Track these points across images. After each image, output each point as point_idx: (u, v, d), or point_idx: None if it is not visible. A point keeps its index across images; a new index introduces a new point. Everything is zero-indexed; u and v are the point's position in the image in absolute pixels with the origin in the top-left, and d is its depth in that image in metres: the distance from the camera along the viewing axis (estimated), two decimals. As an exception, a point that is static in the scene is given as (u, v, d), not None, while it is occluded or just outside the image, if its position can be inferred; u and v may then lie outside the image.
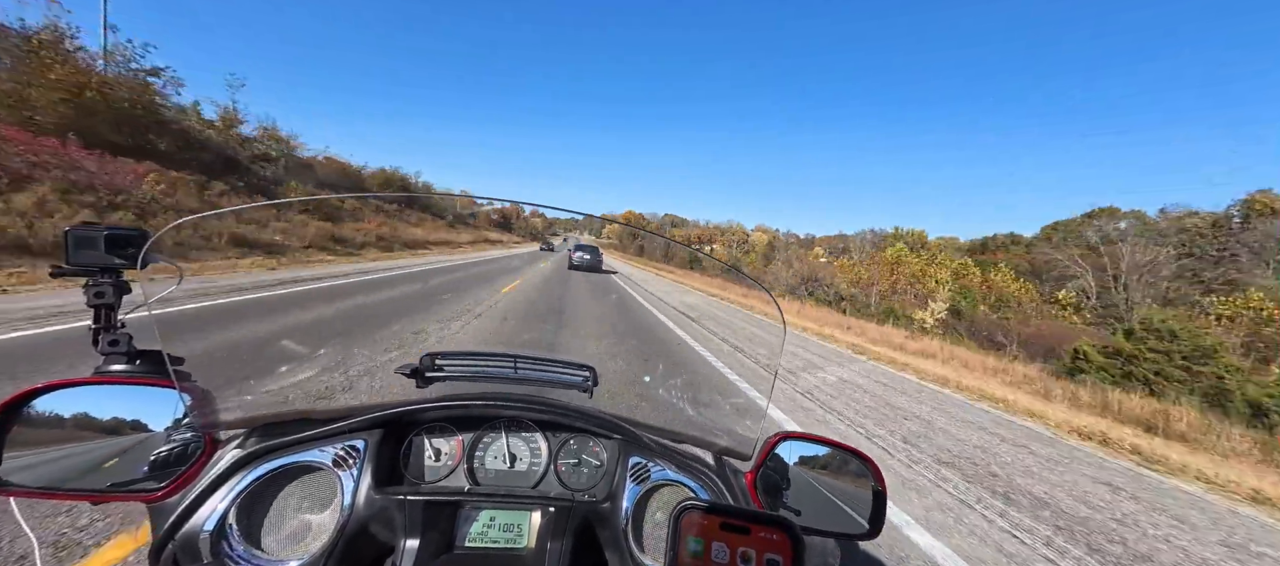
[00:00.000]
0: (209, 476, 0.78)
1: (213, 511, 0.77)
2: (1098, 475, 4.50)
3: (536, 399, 0.99)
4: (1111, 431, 6.30)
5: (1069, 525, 3.25)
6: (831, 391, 6.28)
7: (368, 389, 3.65)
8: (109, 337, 0.85)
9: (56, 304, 5.41)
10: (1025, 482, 3.96)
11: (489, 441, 0.98)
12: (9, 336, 4.11)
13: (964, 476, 3.90)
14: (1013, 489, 3.78)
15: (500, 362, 1.20)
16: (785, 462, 0.94)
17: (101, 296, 0.84)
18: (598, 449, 1.01)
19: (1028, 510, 3.41)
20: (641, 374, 5.09)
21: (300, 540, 0.81)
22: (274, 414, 0.90)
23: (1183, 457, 5.51)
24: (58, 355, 3.74)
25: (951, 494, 3.51)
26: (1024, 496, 3.66)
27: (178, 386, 0.77)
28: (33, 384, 0.72)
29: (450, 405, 0.93)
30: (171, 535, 0.74)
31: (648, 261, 32.52)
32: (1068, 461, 4.80)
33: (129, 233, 0.85)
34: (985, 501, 3.46)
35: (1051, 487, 3.94)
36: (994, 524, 3.13)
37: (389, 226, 24.95)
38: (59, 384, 0.73)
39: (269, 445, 0.83)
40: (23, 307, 5.16)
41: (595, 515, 0.92)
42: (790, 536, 0.53)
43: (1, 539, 1.76)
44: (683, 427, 1.08)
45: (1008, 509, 3.39)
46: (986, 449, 4.79)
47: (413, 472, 0.93)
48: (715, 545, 0.53)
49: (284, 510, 0.83)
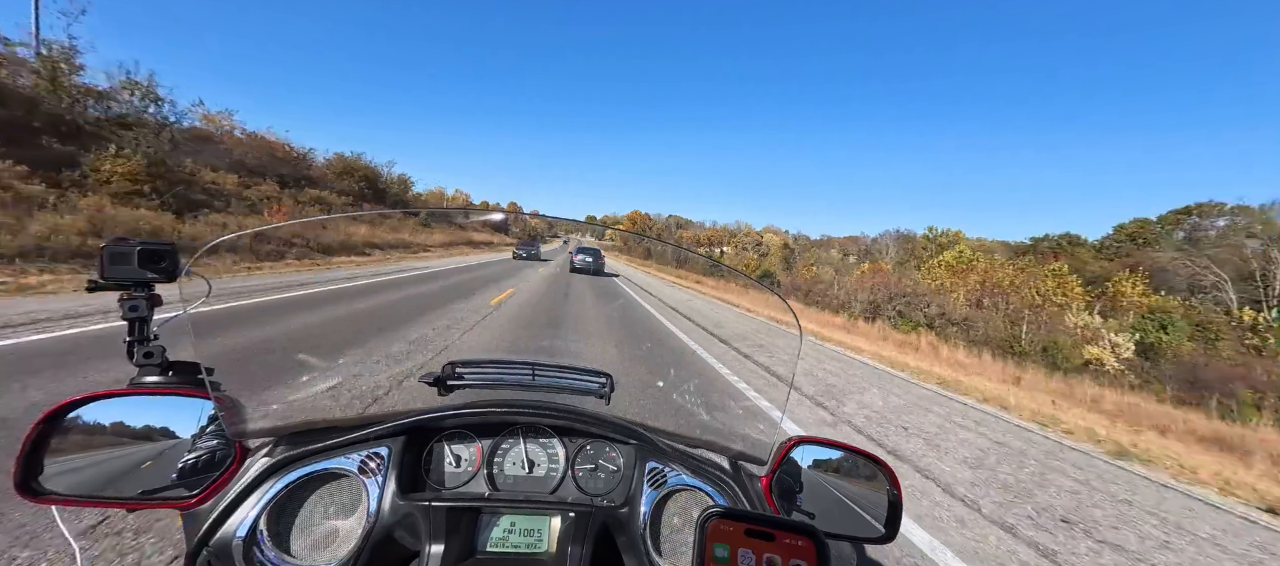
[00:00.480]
0: (240, 484, 0.80)
1: (244, 518, 0.79)
2: None
3: (553, 405, 1.01)
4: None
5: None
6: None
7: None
8: (143, 350, 0.88)
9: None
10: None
11: (508, 447, 1.00)
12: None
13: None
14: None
15: (519, 370, 1.22)
16: (800, 466, 0.94)
17: (135, 309, 0.88)
18: (614, 454, 1.02)
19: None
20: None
21: (328, 545, 0.83)
22: (301, 422, 0.93)
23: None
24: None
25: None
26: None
27: (210, 396, 0.80)
28: (70, 396, 0.75)
29: (469, 413, 0.95)
30: (206, 542, 0.77)
31: (658, 266, 29.98)
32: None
33: (162, 247, 0.89)
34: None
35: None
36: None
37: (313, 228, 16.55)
38: (96, 395, 0.76)
39: (296, 453, 0.85)
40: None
41: (613, 520, 0.92)
42: (815, 542, 0.53)
43: (46, 548, 1.82)
44: (698, 432, 1.08)
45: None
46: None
47: (434, 479, 0.94)
48: (741, 552, 0.53)
49: (312, 516, 0.85)
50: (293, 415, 1.12)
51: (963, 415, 6.40)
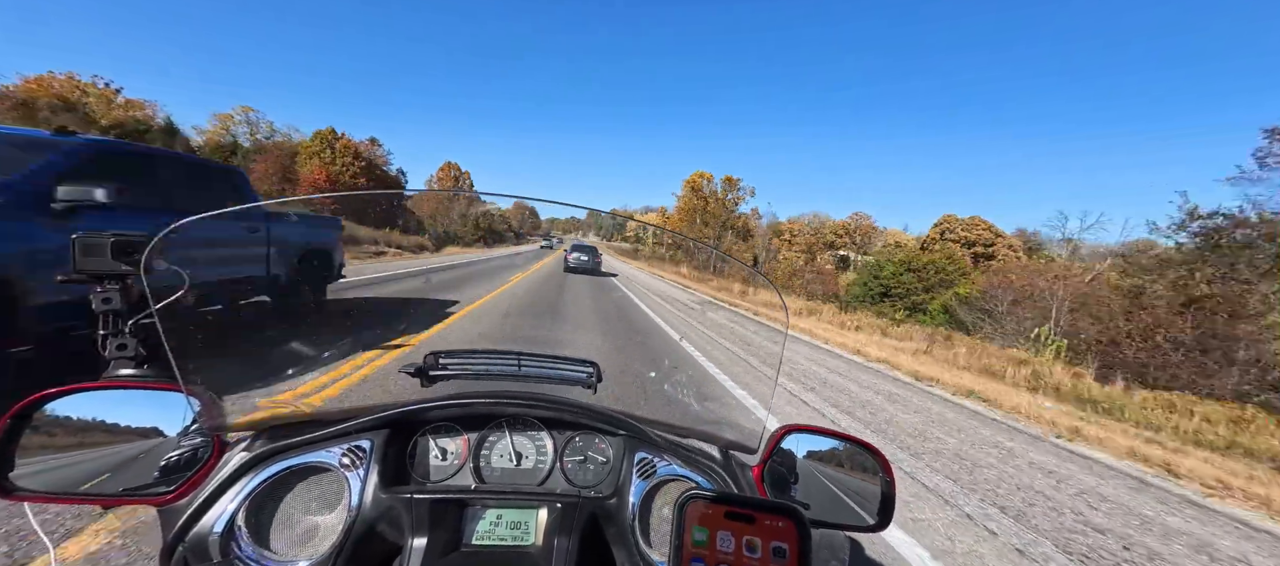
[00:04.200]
0: (218, 478, 0.79)
1: (222, 513, 0.77)
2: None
3: (540, 397, 1.00)
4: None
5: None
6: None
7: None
8: (117, 343, 0.86)
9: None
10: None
11: (494, 440, 0.98)
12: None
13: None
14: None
15: (504, 360, 1.20)
16: (793, 456, 0.94)
17: (108, 302, 0.85)
18: (603, 445, 1.01)
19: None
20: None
21: (309, 540, 0.82)
22: (281, 415, 0.91)
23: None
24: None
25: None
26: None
27: (185, 390, 0.78)
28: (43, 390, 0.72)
29: (454, 405, 0.93)
30: (182, 537, 0.75)
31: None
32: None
33: (136, 238, 0.86)
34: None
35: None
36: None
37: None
38: (69, 389, 0.74)
39: (277, 446, 0.84)
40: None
41: (602, 511, 0.92)
42: (797, 523, 0.53)
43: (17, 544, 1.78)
44: (688, 422, 1.08)
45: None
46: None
47: (419, 472, 0.93)
48: (720, 534, 0.53)
49: (292, 511, 0.83)
50: (273, 408, 1.10)
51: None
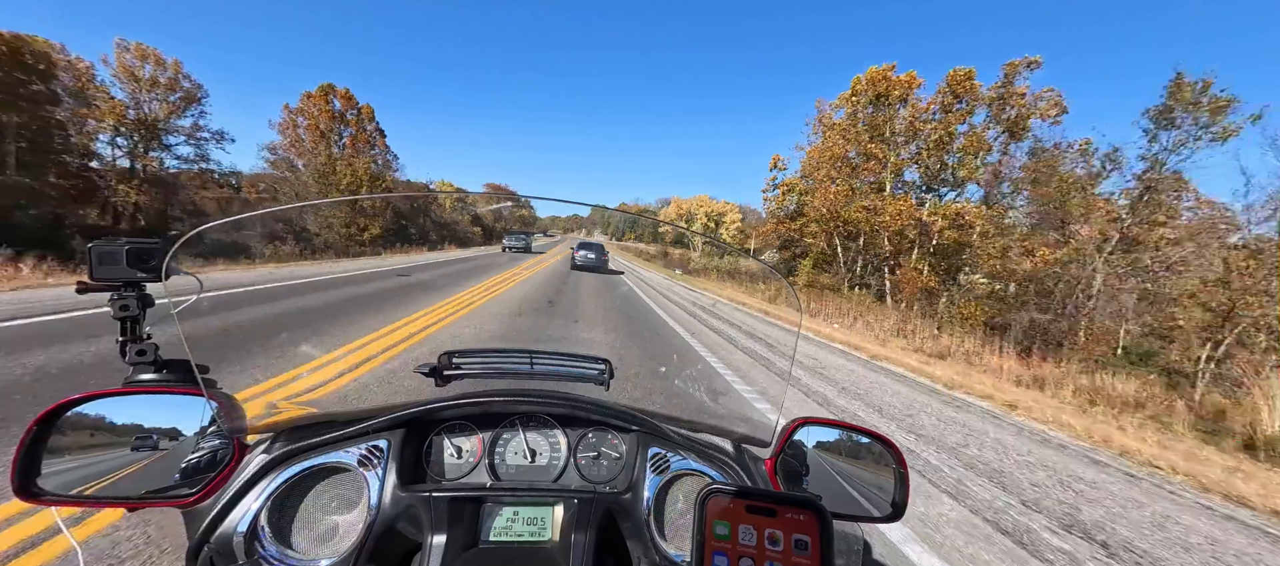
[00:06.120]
0: (239, 480, 0.80)
1: (245, 513, 0.78)
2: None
3: (553, 394, 1.00)
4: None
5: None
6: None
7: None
8: (136, 348, 0.87)
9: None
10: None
11: (508, 438, 0.99)
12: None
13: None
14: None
15: (517, 359, 1.21)
16: (805, 448, 0.93)
17: (126, 309, 0.86)
18: (616, 441, 1.01)
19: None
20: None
21: (330, 539, 0.83)
22: (299, 417, 0.92)
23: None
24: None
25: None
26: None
27: (205, 393, 0.79)
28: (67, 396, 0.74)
29: (468, 404, 0.94)
30: (207, 538, 0.76)
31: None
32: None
33: (150, 245, 0.87)
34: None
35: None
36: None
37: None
38: (91, 395, 0.75)
39: (295, 447, 0.84)
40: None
41: (617, 506, 0.92)
42: (818, 516, 0.53)
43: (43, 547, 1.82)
44: (700, 416, 1.08)
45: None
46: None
47: (435, 470, 0.94)
48: (742, 528, 0.53)
49: (313, 510, 0.85)
50: (290, 410, 1.12)
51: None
